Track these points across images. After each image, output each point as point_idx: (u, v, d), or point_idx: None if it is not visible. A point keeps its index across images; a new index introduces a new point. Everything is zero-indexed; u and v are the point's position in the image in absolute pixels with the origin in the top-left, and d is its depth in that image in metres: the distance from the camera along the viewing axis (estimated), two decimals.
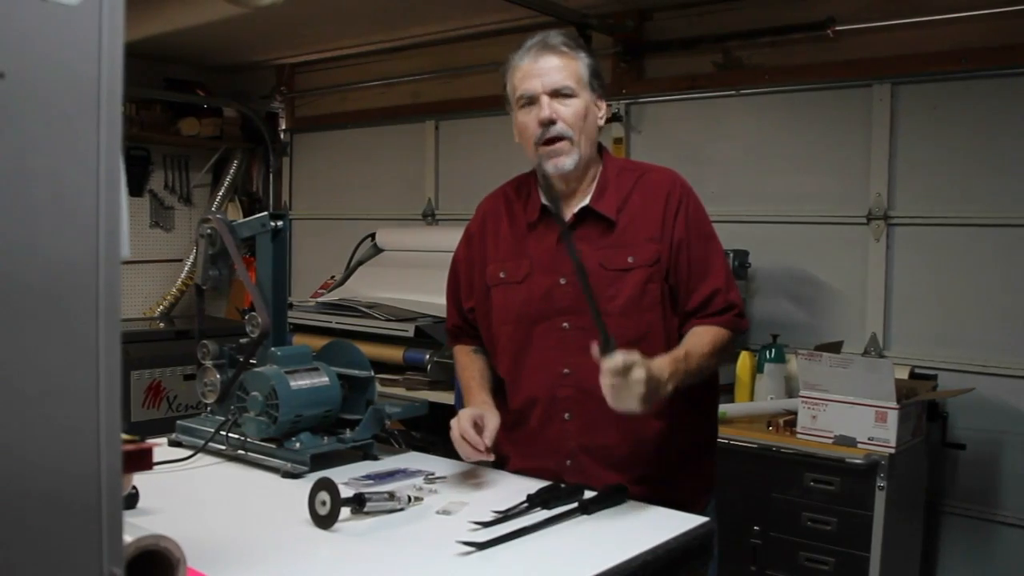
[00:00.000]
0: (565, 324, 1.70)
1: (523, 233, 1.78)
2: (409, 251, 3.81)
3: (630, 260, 1.68)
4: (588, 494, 1.53)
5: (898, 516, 2.51)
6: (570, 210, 1.73)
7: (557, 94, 1.68)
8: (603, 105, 1.76)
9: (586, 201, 1.73)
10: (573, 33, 1.74)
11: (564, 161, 1.68)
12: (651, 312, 1.68)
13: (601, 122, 1.76)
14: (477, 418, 1.66)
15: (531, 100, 1.70)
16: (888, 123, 3.01)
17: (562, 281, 1.70)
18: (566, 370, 1.70)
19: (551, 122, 1.67)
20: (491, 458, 1.66)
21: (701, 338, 1.65)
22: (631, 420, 1.63)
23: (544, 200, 1.74)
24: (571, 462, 1.71)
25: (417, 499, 1.52)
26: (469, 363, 1.88)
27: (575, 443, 1.71)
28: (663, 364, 1.51)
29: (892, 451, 2.43)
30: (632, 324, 1.66)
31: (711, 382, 1.79)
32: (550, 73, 1.68)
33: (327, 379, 1.78)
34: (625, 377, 1.42)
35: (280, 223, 1.86)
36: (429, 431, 2.75)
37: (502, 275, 1.78)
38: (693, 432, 1.76)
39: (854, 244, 3.10)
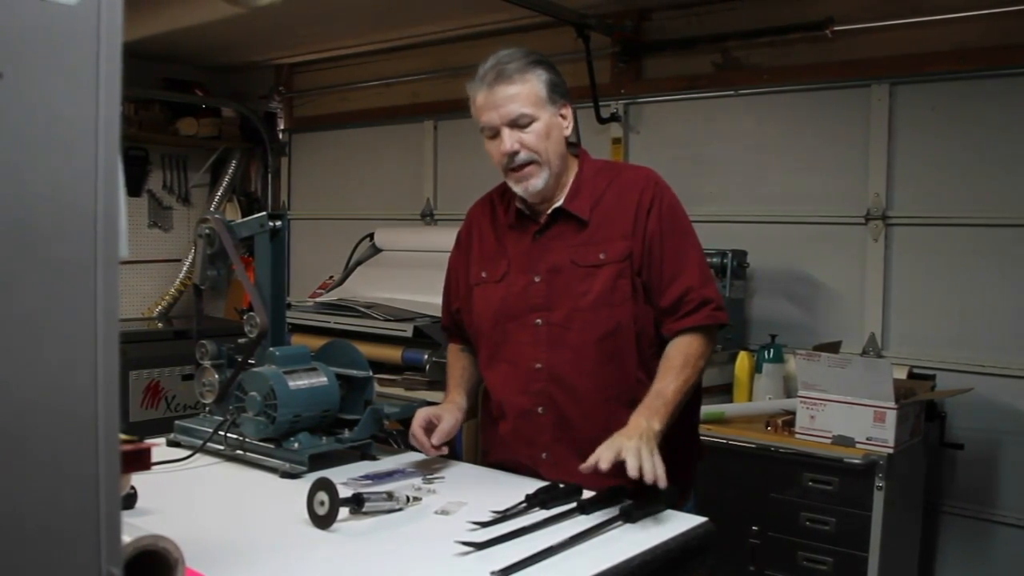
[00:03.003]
0: (538, 320, 1.75)
1: (503, 234, 1.84)
2: (408, 251, 3.81)
3: (601, 256, 1.73)
4: (586, 494, 1.53)
5: (896, 516, 2.51)
6: (544, 210, 1.79)
7: (516, 124, 1.71)
8: (568, 112, 1.78)
9: (560, 202, 1.77)
10: (523, 54, 1.72)
11: (534, 183, 1.74)
12: (622, 307, 1.72)
13: (567, 131, 1.78)
14: (434, 417, 1.76)
15: (493, 132, 1.73)
16: (886, 123, 3.01)
17: (536, 279, 1.76)
18: (538, 365, 1.75)
19: (515, 153, 1.71)
20: (444, 452, 1.76)
21: (671, 361, 1.68)
22: (603, 413, 1.70)
23: (520, 204, 1.81)
24: (547, 455, 1.75)
25: (416, 499, 1.52)
26: (455, 360, 1.99)
27: (550, 436, 1.75)
28: (637, 418, 1.58)
29: (890, 451, 2.43)
30: (603, 319, 1.71)
31: None
32: (506, 104, 1.70)
33: (325, 379, 1.78)
34: (616, 454, 1.49)
35: (278, 223, 1.87)
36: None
37: (483, 275, 1.85)
38: (680, 422, 1.73)
39: (852, 244, 3.10)
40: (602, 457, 1.48)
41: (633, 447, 1.49)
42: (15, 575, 0.61)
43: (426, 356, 3.09)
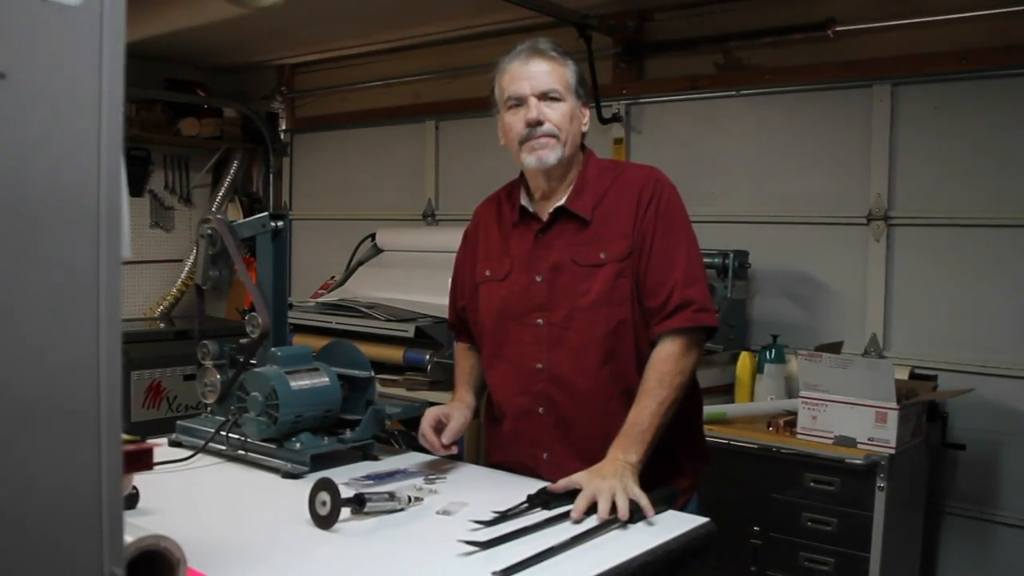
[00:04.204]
0: (539, 320, 1.75)
1: (508, 233, 1.84)
2: (409, 251, 3.81)
3: (602, 256, 1.72)
4: None
5: (898, 517, 2.51)
6: (547, 209, 1.78)
7: (545, 97, 1.72)
8: (586, 112, 1.81)
9: (562, 201, 1.77)
10: (558, 45, 1.79)
11: (548, 155, 1.72)
12: (621, 306, 1.70)
13: (584, 128, 1.80)
14: (443, 416, 1.76)
15: (519, 102, 1.73)
16: (888, 123, 3.01)
17: (538, 279, 1.75)
18: (539, 365, 1.74)
19: (538, 123, 1.71)
20: (455, 451, 1.76)
21: (646, 383, 1.64)
22: (603, 413, 1.69)
23: (524, 201, 1.81)
24: (548, 455, 1.75)
25: (417, 499, 1.52)
26: (462, 359, 1.99)
27: (550, 436, 1.75)
28: (614, 452, 1.58)
29: (892, 451, 2.43)
30: (603, 318, 1.70)
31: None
32: (538, 76, 1.72)
33: (327, 379, 1.78)
34: (589, 501, 1.48)
35: (280, 223, 1.87)
36: None
37: (488, 273, 1.84)
38: (669, 427, 1.72)
39: (854, 244, 3.10)
40: (577, 507, 1.46)
41: (607, 488, 1.48)
42: (18, 575, 0.61)
43: (428, 356, 3.09)
